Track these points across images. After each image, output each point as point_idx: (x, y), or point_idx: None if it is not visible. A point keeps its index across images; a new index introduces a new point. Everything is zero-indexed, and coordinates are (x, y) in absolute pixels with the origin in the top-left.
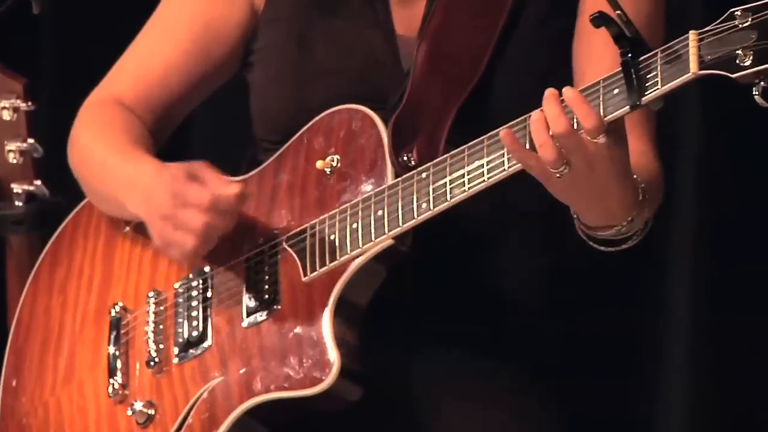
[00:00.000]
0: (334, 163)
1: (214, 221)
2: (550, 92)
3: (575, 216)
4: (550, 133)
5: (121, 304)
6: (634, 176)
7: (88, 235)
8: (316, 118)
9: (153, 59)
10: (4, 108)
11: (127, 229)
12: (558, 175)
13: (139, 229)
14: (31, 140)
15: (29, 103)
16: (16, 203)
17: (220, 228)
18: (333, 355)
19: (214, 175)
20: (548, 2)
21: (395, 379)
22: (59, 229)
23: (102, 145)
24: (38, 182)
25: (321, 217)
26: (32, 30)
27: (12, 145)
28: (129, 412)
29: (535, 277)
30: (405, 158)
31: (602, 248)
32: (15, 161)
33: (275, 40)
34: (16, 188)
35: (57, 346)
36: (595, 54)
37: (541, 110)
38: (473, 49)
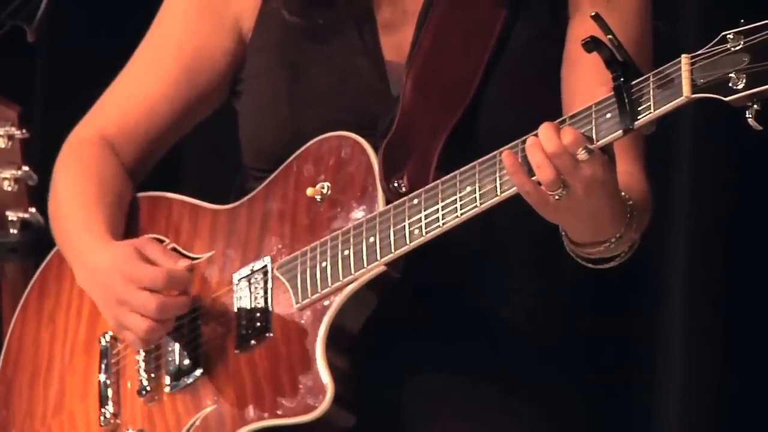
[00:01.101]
0: (325, 191)
1: (167, 301)
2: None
3: (563, 233)
4: (546, 152)
5: (110, 333)
6: (623, 194)
7: None
8: (306, 146)
9: (139, 91)
10: None
11: None
12: (557, 197)
13: None
14: (25, 168)
15: (23, 131)
16: (11, 231)
17: (174, 308)
18: (326, 381)
19: (161, 251)
20: (536, 27)
21: (389, 402)
22: (47, 260)
23: (70, 198)
24: (33, 210)
25: (312, 245)
26: (26, 57)
27: (6, 173)
28: None
29: (529, 299)
30: (396, 184)
31: (589, 265)
32: (10, 188)
33: (266, 67)
34: (11, 216)
35: (47, 377)
36: (583, 79)
37: (535, 134)
38: (462, 74)
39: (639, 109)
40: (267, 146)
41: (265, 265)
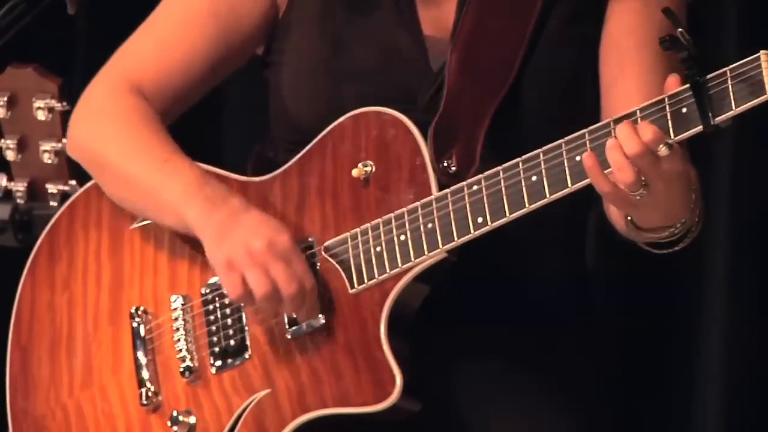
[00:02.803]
0: (369, 170)
1: (311, 299)
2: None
3: (627, 219)
4: (626, 155)
5: (142, 308)
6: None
7: (88, 227)
8: (340, 120)
9: (177, 45)
10: (39, 108)
11: (135, 226)
12: (638, 197)
13: (148, 229)
14: (65, 140)
15: (64, 104)
16: (51, 203)
17: (303, 310)
18: (395, 370)
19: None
20: (573, 6)
21: (436, 389)
22: (53, 221)
23: (143, 145)
24: (73, 182)
25: (362, 227)
26: (67, 30)
27: (47, 145)
28: (169, 423)
29: (573, 286)
30: (445, 165)
31: (652, 250)
32: (50, 161)
33: (307, 39)
34: (51, 188)
35: (69, 345)
36: (627, 61)
37: (614, 137)
38: (505, 53)
39: (719, 105)
40: (303, 118)
41: (309, 244)
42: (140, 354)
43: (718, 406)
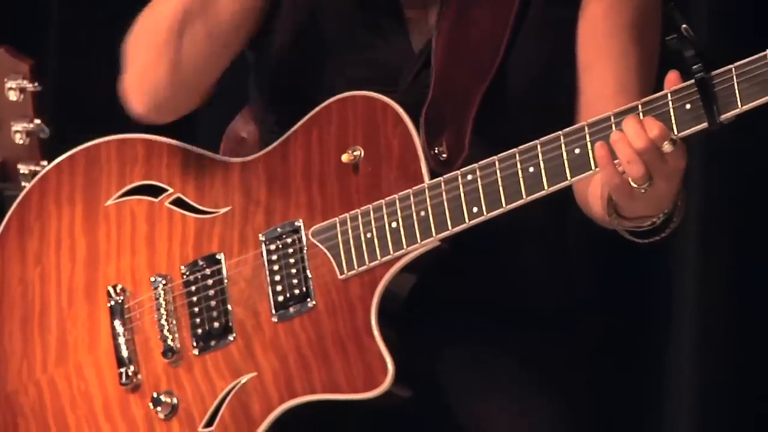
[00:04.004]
0: (357, 155)
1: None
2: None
3: (611, 208)
4: (634, 148)
5: (119, 286)
6: None
7: (60, 202)
8: (326, 103)
9: None
10: (10, 89)
11: (110, 202)
12: (642, 190)
13: (124, 206)
14: (37, 121)
15: (36, 84)
16: (23, 184)
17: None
18: (387, 358)
19: None
20: None
21: (424, 374)
22: (22, 195)
23: None
24: (45, 163)
25: (351, 213)
26: (40, 10)
27: (18, 126)
28: (150, 404)
29: (555, 276)
30: (436, 151)
31: (634, 239)
32: (21, 142)
33: (291, 18)
34: (23, 169)
35: (42, 321)
36: (603, 45)
37: (620, 130)
38: (489, 38)
39: (725, 103)
40: (286, 96)
41: (298, 228)
42: (119, 333)
43: (690, 400)
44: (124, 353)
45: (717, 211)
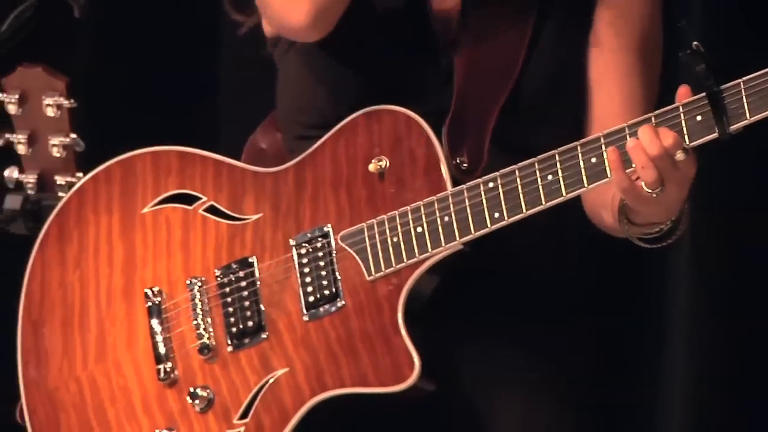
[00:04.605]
0: (383, 164)
1: None
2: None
3: (623, 215)
4: (648, 155)
5: (156, 288)
6: None
7: (98, 211)
8: (353, 116)
9: None
10: (48, 105)
11: (146, 210)
12: (654, 195)
13: (159, 213)
14: (73, 135)
15: (71, 101)
16: (59, 194)
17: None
18: (414, 354)
19: None
20: (567, 8)
21: (445, 369)
22: (61, 204)
23: None
24: (80, 174)
25: (378, 219)
26: (74, 33)
27: (56, 140)
28: (188, 398)
29: (565, 282)
30: (457, 161)
31: (643, 245)
32: (58, 155)
33: None
34: (59, 180)
35: (82, 321)
36: (611, 63)
37: (635, 138)
38: (507, 54)
39: (734, 114)
40: (312, 107)
41: (327, 233)
42: (156, 332)
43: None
44: (162, 351)
45: (707, 217)
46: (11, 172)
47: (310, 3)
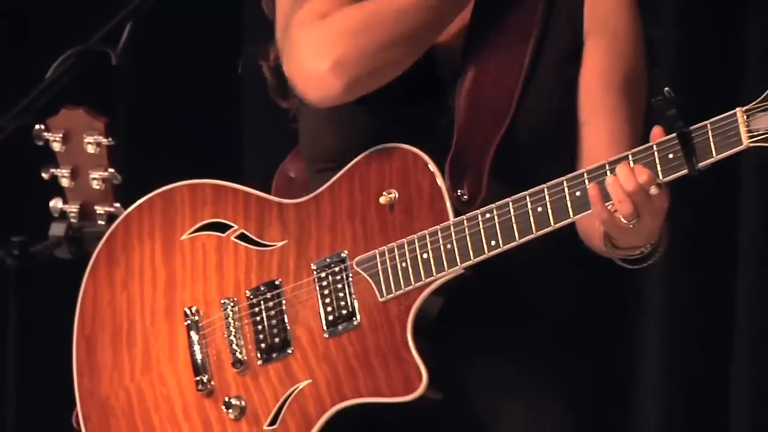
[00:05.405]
0: (392, 197)
1: None
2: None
3: (607, 239)
4: (625, 190)
5: (194, 307)
6: None
7: (142, 238)
8: (366, 153)
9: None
10: (89, 143)
11: (184, 237)
12: (630, 226)
13: (196, 240)
14: (111, 170)
15: (110, 139)
16: (99, 222)
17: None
18: (422, 367)
19: None
20: (560, 48)
21: (453, 379)
22: (110, 231)
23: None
24: (117, 205)
25: (389, 246)
26: (112, 77)
27: (96, 174)
28: (223, 407)
29: (567, 293)
30: (458, 194)
31: (625, 265)
32: (98, 187)
33: None
34: (99, 210)
35: (129, 337)
36: (597, 103)
37: (614, 174)
38: (504, 93)
39: (702, 153)
40: (328, 147)
41: (344, 259)
42: (196, 347)
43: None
44: (200, 364)
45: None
46: (56, 203)
47: (351, 77)
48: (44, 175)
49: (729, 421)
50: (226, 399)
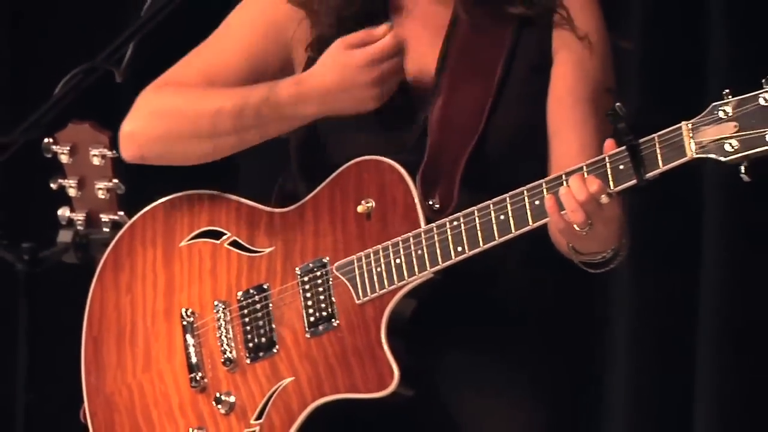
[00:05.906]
0: (370, 206)
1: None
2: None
3: (570, 245)
4: (577, 200)
5: (190, 309)
6: None
7: (145, 244)
8: (346, 166)
9: (217, 57)
10: (94, 155)
11: (182, 244)
12: (583, 233)
13: (193, 247)
14: (115, 180)
15: (114, 152)
16: (104, 229)
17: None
18: (393, 365)
19: (362, 32)
20: (529, 62)
21: (425, 377)
22: (117, 238)
23: (215, 92)
24: (121, 213)
25: (365, 252)
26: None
27: (101, 184)
28: (214, 403)
29: (534, 290)
30: (430, 203)
31: (588, 269)
32: (103, 197)
33: None
34: (104, 218)
35: (132, 338)
36: (566, 115)
37: (567, 186)
38: (474, 107)
39: (650, 164)
40: (316, 158)
41: (325, 264)
42: (190, 346)
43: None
44: (194, 362)
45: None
46: (64, 212)
47: (144, 154)
48: (53, 186)
49: (693, 421)
50: (217, 395)
